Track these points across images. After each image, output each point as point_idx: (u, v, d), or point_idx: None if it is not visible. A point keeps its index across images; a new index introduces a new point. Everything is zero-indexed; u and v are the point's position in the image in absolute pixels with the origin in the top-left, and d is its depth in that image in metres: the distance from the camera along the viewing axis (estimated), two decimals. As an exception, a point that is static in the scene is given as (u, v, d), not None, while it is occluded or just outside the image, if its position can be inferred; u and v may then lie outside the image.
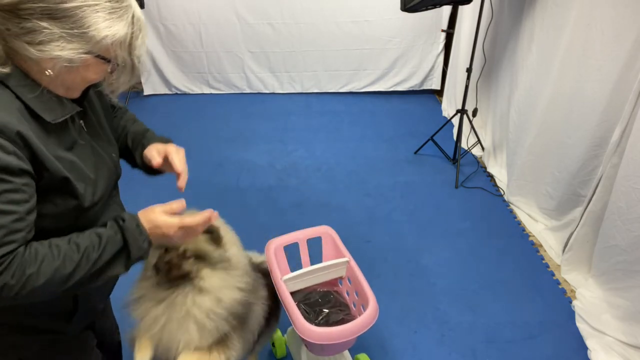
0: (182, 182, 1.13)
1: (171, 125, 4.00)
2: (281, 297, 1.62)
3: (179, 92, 4.59)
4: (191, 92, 4.60)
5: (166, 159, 1.14)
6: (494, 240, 2.73)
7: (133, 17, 0.88)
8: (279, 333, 2.05)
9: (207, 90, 4.59)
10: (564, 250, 2.47)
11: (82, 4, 0.80)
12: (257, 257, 1.75)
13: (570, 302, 2.30)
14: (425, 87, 4.60)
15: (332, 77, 4.55)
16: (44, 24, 0.80)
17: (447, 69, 4.36)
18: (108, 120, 1.13)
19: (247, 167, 3.42)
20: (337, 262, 1.77)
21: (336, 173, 3.37)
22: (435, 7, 2.90)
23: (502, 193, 3.14)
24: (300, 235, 1.87)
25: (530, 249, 2.68)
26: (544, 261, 2.58)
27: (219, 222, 1.27)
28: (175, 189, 1.14)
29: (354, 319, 1.56)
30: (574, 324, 2.19)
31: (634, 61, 2.05)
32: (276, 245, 1.80)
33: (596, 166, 2.32)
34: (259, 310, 1.44)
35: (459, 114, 3.31)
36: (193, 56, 4.41)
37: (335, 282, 1.90)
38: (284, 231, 1.91)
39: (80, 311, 1.09)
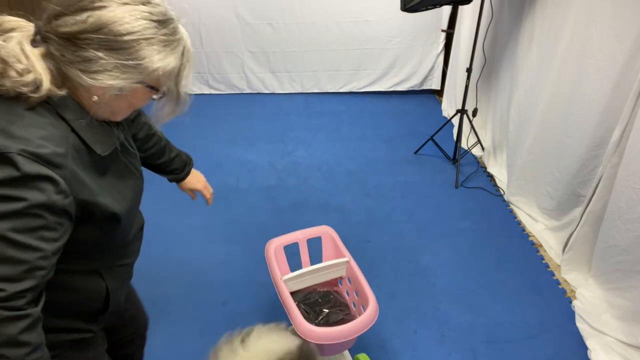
0: (210, 201, 1.56)
1: (171, 125, 3.97)
2: (281, 297, 1.63)
3: None
4: (191, 92, 4.58)
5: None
6: (494, 240, 2.73)
7: (184, 49, 0.92)
8: None
9: (207, 91, 4.59)
10: (564, 250, 2.47)
11: (139, 37, 0.83)
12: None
13: (570, 302, 2.30)
14: (425, 87, 4.60)
15: (332, 77, 4.55)
16: (100, 54, 0.82)
17: (447, 69, 4.36)
18: (129, 128, 1.18)
19: (247, 167, 3.42)
20: (337, 262, 1.77)
21: (336, 173, 3.37)
22: (435, 7, 2.90)
23: (502, 193, 3.14)
24: (300, 235, 1.87)
25: (530, 249, 2.68)
26: (544, 261, 2.58)
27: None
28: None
29: (354, 319, 1.56)
30: (574, 324, 2.19)
31: (634, 61, 2.05)
32: (276, 245, 1.80)
33: (596, 166, 2.32)
34: None
35: (459, 114, 3.31)
36: (193, 56, 4.40)
37: (335, 282, 1.90)
38: (283, 231, 1.91)
39: (109, 311, 1.11)
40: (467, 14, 3.63)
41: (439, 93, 4.60)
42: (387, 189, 3.21)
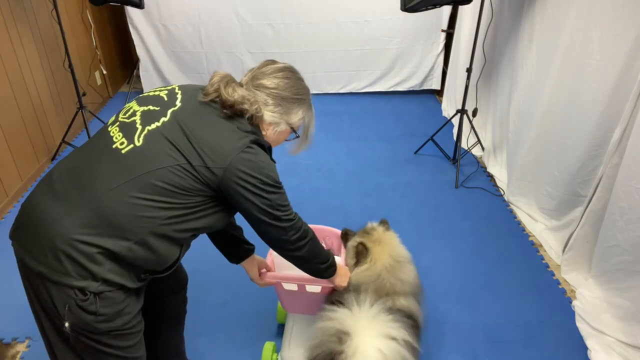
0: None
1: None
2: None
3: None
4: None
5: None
6: (494, 240, 2.73)
7: (312, 110, 1.44)
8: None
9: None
10: (564, 250, 2.47)
11: (301, 98, 1.37)
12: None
13: (570, 302, 2.30)
14: (425, 87, 4.60)
15: (332, 78, 4.55)
16: (279, 103, 1.34)
17: (447, 69, 4.36)
18: None
19: (247, 167, 3.42)
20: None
21: (336, 173, 3.37)
22: (435, 7, 2.90)
23: (502, 193, 3.14)
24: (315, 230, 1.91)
25: (530, 249, 2.68)
26: (544, 261, 2.58)
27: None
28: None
29: None
30: (574, 324, 2.19)
31: (634, 61, 2.05)
32: None
33: (596, 166, 2.32)
34: None
35: (459, 114, 3.31)
36: (193, 56, 4.40)
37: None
38: (284, 231, 1.91)
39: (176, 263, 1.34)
40: (467, 14, 3.63)
41: (439, 93, 4.60)
42: (387, 189, 3.20)
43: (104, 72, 4.44)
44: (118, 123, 1.27)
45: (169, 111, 1.25)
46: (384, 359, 1.32)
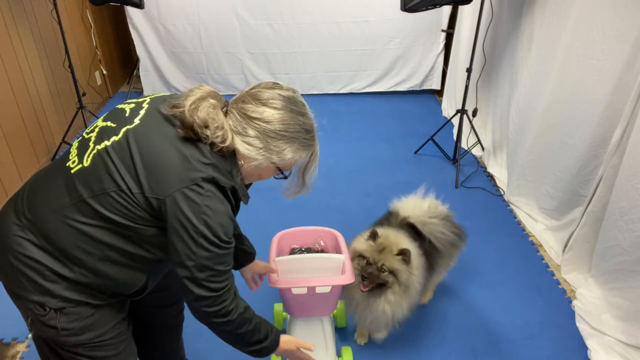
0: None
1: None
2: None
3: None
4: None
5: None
6: (494, 240, 2.73)
7: (313, 152, 1.25)
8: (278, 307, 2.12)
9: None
10: (564, 250, 2.47)
11: (289, 136, 1.13)
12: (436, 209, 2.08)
13: (570, 302, 2.30)
14: (425, 87, 4.60)
15: (332, 78, 4.54)
16: (259, 136, 1.11)
17: (447, 69, 4.36)
18: None
19: (247, 167, 3.42)
20: (332, 256, 1.78)
21: (336, 173, 3.37)
22: (435, 7, 2.90)
23: (502, 193, 3.14)
24: (309, 231, 1.94)
25: (530, 249, 2.68)
26: (544, 261, 2.58)
27: (410, 247, 1.76)
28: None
29: None
30: (574, 324, 2.19)
31: (635, 61, 2.05)
32: (283, 235, 1.91)
33: (597, 166, 2.32)
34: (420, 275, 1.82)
35: (459, 114, 3.31)
36: (192, 57, 4.40)
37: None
38: (284, 231, 1.92)
39: (146, 289, 1.27)
40: (467, 14, 3.63)
41: (439, 93, 4.60)
42: (387, 189, 3.20)
43: (104, 72, 4.44)
44: (80, 138, 1.17)
45: (123, 129, 1.11)
46: None
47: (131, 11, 4.12)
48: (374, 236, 1.79)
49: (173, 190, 1.04)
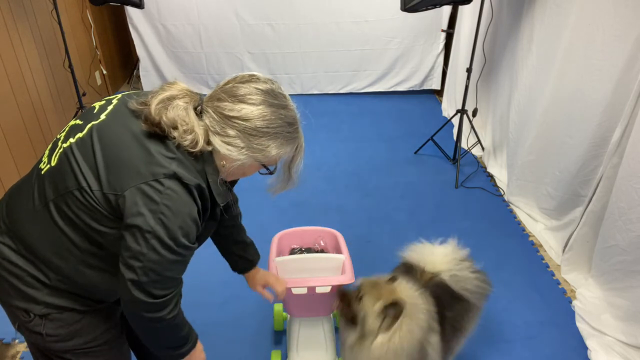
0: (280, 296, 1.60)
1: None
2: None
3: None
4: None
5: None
6: (494, 240, 2.73)
7: (298, 145, 1.14)
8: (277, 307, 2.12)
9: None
10: (564, 250, 2.47)
11: (272, 131, 1.05)
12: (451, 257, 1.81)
13: (570, 302, 2.30)
14: (425, 87, 4.60)
15: (332, 78, 4.54)
16: (240, 134, 1.03)
17: (447, 69, 4.36)
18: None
19: (247, 167, 3.42)
20: (332, 256, 1.78)
21: (336, 173, 3.37)
22: (435, 7, 2.90)
23: (502, 193, 3.14)
24: (309, 231, 1.94)
25: (530, 249, 2.68)
26: (544, 261, 2.58)
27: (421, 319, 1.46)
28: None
29: None
30: (574, 324, 2.19)
31: (635, 61, 2.05)
32: (283, 234, 1.91)
33: (596, 166, 2.32)
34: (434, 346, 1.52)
35: (459, 114, 3.31)
36: (192, 57, 4.40)
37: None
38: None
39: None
40: (467, 14, 3.63)
41: (439, 93, 4.60)
42: (387, 189, 3.20)
43: (104, 72, 4.44)
44: (54, 139, 1.13)
45: (88, 125, 1.06)
46: None
47: (131, 11, 4.12)
48: (392, 279, 1.55)
49: (131, 185, 0.97)
